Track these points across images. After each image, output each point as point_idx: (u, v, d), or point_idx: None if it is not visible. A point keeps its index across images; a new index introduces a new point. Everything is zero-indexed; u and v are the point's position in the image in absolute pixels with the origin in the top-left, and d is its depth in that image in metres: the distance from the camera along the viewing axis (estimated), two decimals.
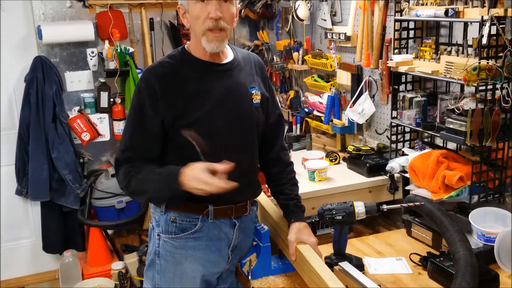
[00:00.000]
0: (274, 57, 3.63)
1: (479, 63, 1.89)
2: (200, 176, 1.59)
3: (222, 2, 1.67)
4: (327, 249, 1.98)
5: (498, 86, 1.95)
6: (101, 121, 3.40)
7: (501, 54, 1.92)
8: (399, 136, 2.51)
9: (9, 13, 3.30)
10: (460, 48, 2.15)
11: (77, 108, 3.40)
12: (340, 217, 1.81)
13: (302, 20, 3.29)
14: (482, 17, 1.89)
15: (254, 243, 1.92)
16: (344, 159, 2.86)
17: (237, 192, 1.80)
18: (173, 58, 1.78)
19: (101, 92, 3.36)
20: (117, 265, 3.14)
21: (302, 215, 1.90)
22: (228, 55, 1.82)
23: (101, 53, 3.34)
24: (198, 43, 1.72)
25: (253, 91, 1.82)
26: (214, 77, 1.76)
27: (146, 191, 1.73)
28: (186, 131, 1.68)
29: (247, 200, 1.87)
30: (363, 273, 1.78)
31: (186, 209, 1.77)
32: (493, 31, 1.91)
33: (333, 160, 2.88)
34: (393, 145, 2.52)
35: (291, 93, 3.54)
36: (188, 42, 1.82)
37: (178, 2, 1.76)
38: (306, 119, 3.37)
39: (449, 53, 2.15)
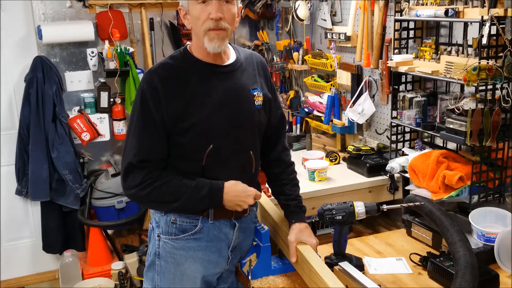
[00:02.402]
0: (274, 57, 3.63)
1: (479, 63, 1.89)
2: (245, 191, 1.75)
3: (223, 2, 1.66)
4: (327, 249, 1.99)
5: (498, 86, 1.95)
6: (101, 121, 3.40)
7: (501, 54, 1.92)
8: (399, 136, 2.51)
9: (9, 13, 3.30)
10: (460, 48, 2.15)
11: (77, 108, 3.40)
12: (340, 217, 1.81)
13: (302, 20, 3.29)
14: (482, 17, 1.89)
15: (254, 243, 1.92)
16: (344, 159, 2.86)
17: None
18: (174, 59, 1.77)
19: (101, 92, 3.36)
20: (117, 265, 3.14)
21: (303, 215, 1.90)
22: (231, 56, 1.81)
23: (101, 53, 3.34)
24: (199, 44, 1.72)
25: (255, 93, 1.81)
26: (215, 79, 1.75)
27: (173, 202, 1.71)
28: None
29: None
30: (363, 273, 1.79)
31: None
32: (493, 31, 1.91)
33: (333, 160, 2.88)
34: (393, 145, 2.52)
35: (291, 93, 3.54)
36: (189, 43, 1.82)
37: (179, 3, 1.76)
38: (306, 119, 3.37)
39: (449, 53, 2.15)
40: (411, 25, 2.40)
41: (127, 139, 1.75)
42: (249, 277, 1.86)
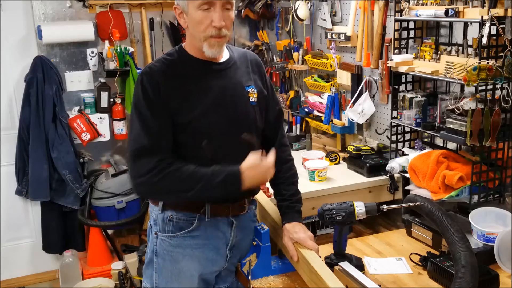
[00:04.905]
0: (274, 57, 3.63)
1: (479, 63, 1.89)
2: (262, 168, 1.68)
3: (224, 9, 1.68)
4: (327, 249, 1.98)
5: (498, 86, 1.95)
6: (101, 121, 3.40)
7: (501, 54, 1.92)
8: (399, 136, 2.51)
9: (9, 13, 3.30)
10: (460, 48, 2.14)
11: (77, 108, 3.40)
12: (340, 217, 1.81)
13: (302, 20, 3.29)
14: (482, 17, 1.89)
15: (254, 243, 1.92)
16: (344, 159, 2.86)
17: None
18: (171, 56, 1.79)
19: (101, 92, 3.37)
20: (117, 265, 3.14)
21: (294, 214, 1.89)
22: (224, 54, 1.83)
23: (101, 53, 3.35)
24: (195, 43, 1.74)
25: (249, 90, 1.82)
26: (211, 76, 1.77)
27: (188, 190, 1.65)
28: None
29: (244, 198, 1.87)
30: (363, 273, 1.79)
31: (183, 207, 1.77)
32: (493, 31, 1.91)
33: (333, 160, 2.88)
34: (393, 145, 2.52)
35: (291, 93, 3.53)
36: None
37: (175, 2, 1.76)
38: (306, 119, 3.36)
39: (449, 53, 2.15)
40: (411, 25, 2.40)
41: (132, 127, 1.71)
42: (249, 277, 1.87)
